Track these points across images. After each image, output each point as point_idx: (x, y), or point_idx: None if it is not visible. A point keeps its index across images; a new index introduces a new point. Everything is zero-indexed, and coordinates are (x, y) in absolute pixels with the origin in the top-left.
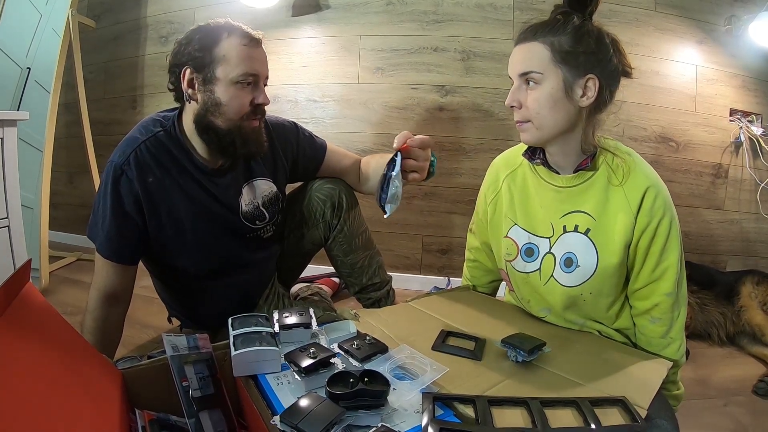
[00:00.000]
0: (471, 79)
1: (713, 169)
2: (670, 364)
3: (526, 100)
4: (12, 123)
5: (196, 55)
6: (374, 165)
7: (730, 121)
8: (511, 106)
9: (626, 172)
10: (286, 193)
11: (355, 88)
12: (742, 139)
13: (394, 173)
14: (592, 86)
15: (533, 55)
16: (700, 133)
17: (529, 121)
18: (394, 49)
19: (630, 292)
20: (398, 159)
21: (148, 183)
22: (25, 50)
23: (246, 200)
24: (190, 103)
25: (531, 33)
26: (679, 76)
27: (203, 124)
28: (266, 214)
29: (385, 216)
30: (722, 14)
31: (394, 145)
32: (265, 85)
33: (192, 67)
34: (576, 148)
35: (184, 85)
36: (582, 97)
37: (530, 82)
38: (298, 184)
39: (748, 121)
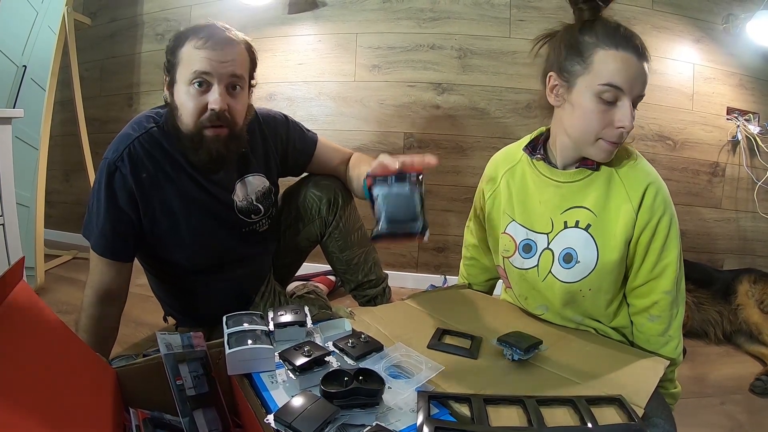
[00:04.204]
0: (468, 76)
1: (710, 168)
2: (668, 362)
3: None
4: (7, 121)
5: (168, 58)
6: (358, 174)
7: (728, 119)
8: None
9: (630, 165)
10: (282, 189)
11: (352, 86)
12: (740, 137)
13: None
14: None
15: (647, 78)
16: (697, 132)
17: (623, 141)
18: (390, 47)
19: (629, 290)
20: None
21: (142, 178)
22: (21, 48)
23: (239, 196)
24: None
25: (646, 51)
26: (677, 74)
27: (173, 128)
28: (261, 208)
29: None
30: (720, 13)
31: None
32: (238, 88)
33: (166, 70)
34: None
35: (165, 88)
36: None
37: (636, 104)
38: (293, 180)
39: (745, 119)
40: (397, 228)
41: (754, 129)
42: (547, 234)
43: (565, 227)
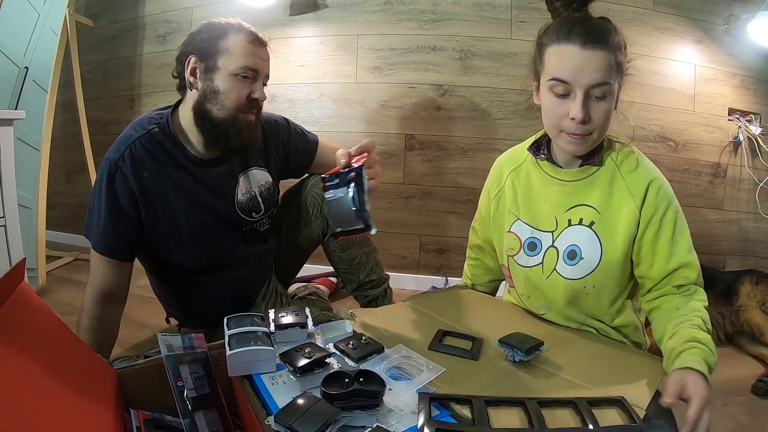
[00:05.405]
0: (469, 78)
1: (712, 169)
2: (664, 362)
3: (598, 114)
4: (9, 122)
5: (202, 45)
6: None
7: (729, 120)
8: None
9: (632, 164)
10: (282, 191)
11: (353, 88)
12: (741, 138)
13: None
14: (618, 89)
15: (606, 65)
16: (698, 133)
17: (590, 134)
18: (391, 49)
19: (646, 289)
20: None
21: (143, 178)
22: (23, 49)
23: (243, 189)
24: (191, 90)
25: (600, 37)
26: (678, 75)
27: (200, 112)
28: (262, 206)
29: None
30: (721, 13)
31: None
32: (265, 84)
33: (197, 56)
34: None
35: (187, 72)
36: (616, 101)
37: (598, 95)
38: (294, 181)
39: (747, 120)
40: (341, 228)
41: (755, 130)
42: (551, 232)
43: (570, 225)
